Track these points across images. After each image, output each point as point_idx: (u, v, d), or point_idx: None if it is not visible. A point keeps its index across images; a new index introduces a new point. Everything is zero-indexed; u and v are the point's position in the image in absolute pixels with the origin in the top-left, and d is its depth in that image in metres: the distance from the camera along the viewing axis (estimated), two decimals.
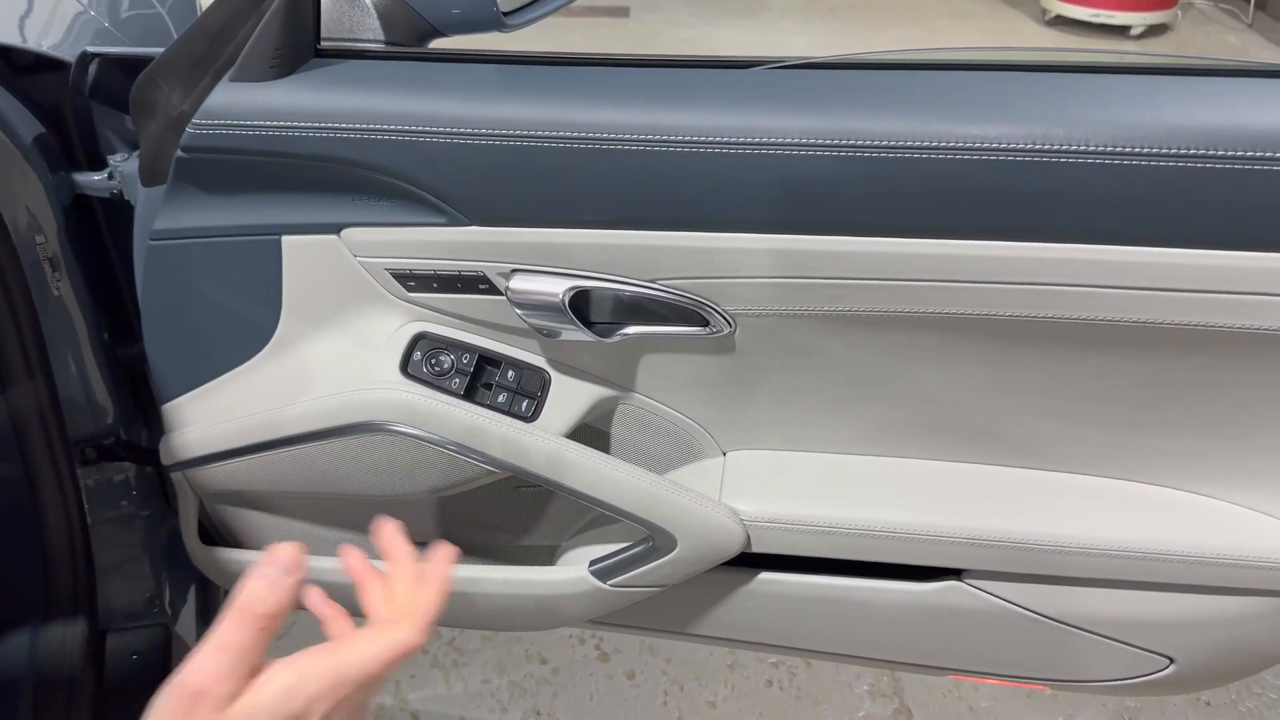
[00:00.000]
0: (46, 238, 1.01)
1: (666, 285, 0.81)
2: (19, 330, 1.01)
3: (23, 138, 0.97)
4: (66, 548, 1.12)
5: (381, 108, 0.78)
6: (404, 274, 0.86)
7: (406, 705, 1.59)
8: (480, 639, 1.70)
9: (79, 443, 1.12)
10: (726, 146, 0.73)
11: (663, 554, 0.90)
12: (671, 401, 0.93)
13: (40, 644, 1.10)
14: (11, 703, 1.04)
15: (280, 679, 0.56)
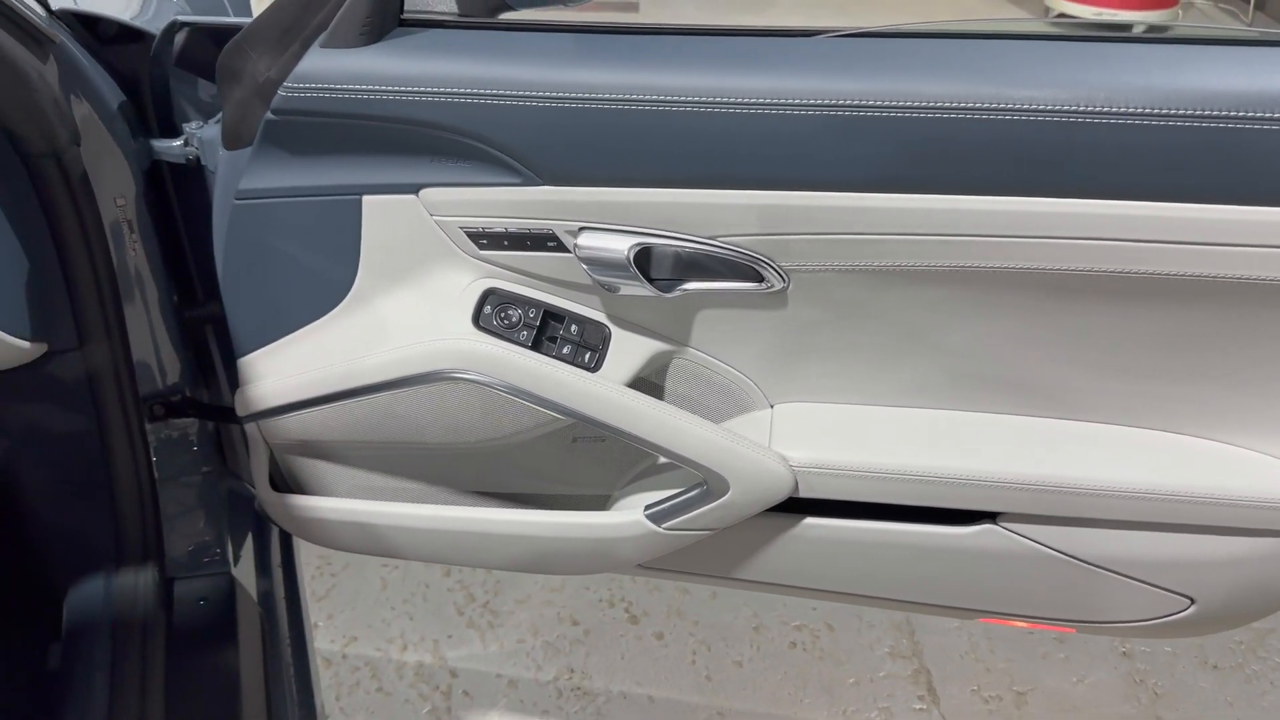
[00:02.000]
0: (126, 201, 1.07)
1: (725, 242, 0.87)
2: (99, 290, 1.06)
3: (109, 105, 1.02)
4: (135, 499, 1.18)
5: (465, 73, 0.83)
6: (476, 232, 0.92)
7: (445, 663, 1.65)
8: (514, 602, 1.76)
9: (148, 399, 1.18)
10: (789, 108, 0.79)
11: (716, 497, 0.96)
12: (724, 355, 0.99)
13: (114, 590, 1.16)
14: (91, 644, 1.10)
15: None
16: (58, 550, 1.22)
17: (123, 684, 1.04)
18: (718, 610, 1.75)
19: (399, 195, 0.91)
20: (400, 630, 1.71)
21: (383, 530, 1.09)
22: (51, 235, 1.00)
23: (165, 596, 1.17)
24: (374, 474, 1.10)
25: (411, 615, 1.74)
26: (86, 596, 1.16)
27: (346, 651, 1.66)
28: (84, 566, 1.18)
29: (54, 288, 1.03)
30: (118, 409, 1.14)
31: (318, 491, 1.11)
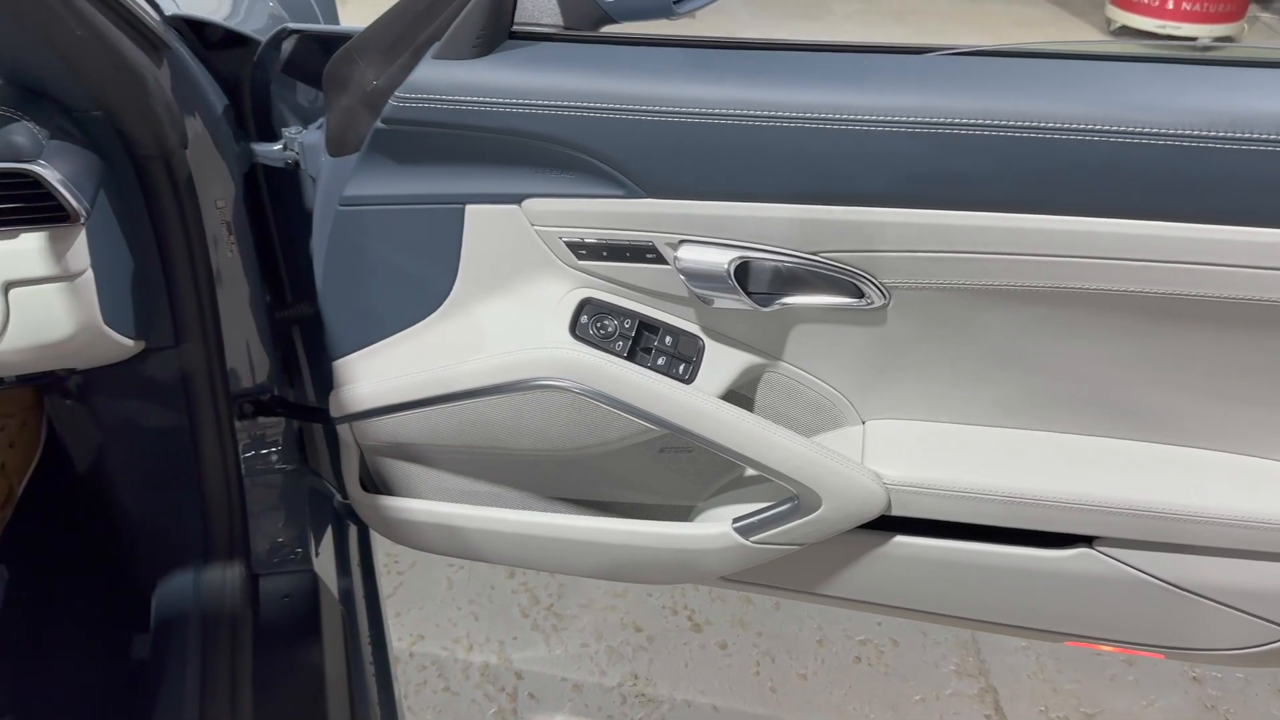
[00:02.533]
0: (226, 203, 1.09)
1: (827, 257, 0.87)
2: (197, 290, 1.08)
3: (215, 109, 1.05)
4: (224, 495, 1.20)
5: (575, 87, 0.84)
6: (576, 242, 0.92)
7: (511, 665, 1.66)
8: (577, 606, 1.77)
9: (238, 397, 1.20)
10: (900, 126, 0.79)
11: (807, 513, 0.96)
12: (817, 370, 0.99)
13: (202, 584, 1.18)
14: (181, 637, 1.12)
15: None
16: (146, 543, 1.25)
17: (214, 676, 1.06)
18: (781, 621, 1.75)
19: (502, 205, 0.92)
20: (466, 630, 1.72)
21: (470, 533, 1.10)
22: (155, 236, 1.03)
23: (251, 592, 1.19)
24: (460, 477, 1.11)
25: (477, 616, 1.75)
26: (175, 590, 1.19)
27: (414, 650, 1.68)
28: (172, 560, 1.21)
29: (154, 287, 1.05)
30: (209, 406, 1.16)
31: (404, 492, 1.13)
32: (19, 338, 0.86)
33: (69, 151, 0.84)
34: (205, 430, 1.17)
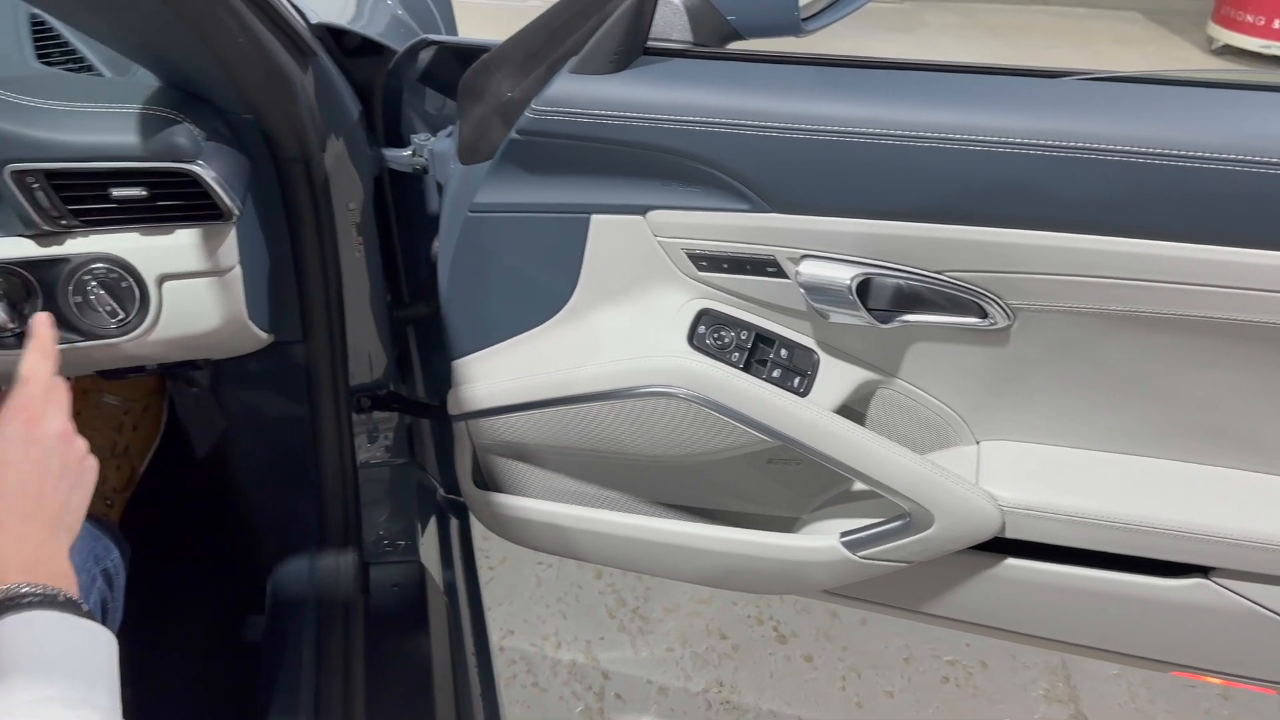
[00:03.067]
0: (356, 206, 1.13)
1: (953, 277, 0.87)
2: (326, 288, 1.13)
3: (351, 115, 1.09)
4: (339, 485, 1.25)
5: (708, 102, 0.86)
6: (697, 254, 0.94)
7: (598, 664, 1.69)
8: (663, 610, 1.79)
9: (356, 392, 1.25)
10: (1037, 149, 0.79)
11: (919, 530, 0.96)
12: (932, 388, 0.99)
13: (317, 570, 1.23)
14: (298, 620, 1.17)
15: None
16: (264, 528, 1.30)
17: (329, 659, 1.11)
18: (868, 637, 1.75)
19: (627, 216, 0.95)
20: (555, 628, 1.75)
21: (577, 534, 1.12)
22: (290, 235, 1.07)
23: (363, 580, 1.24)
24: (569, 478, 1.14)
25: (565, 614, 1.78)
26: (291, 575, 1.24)
27: (504, 644, 1.72)
28: (289, 546, 1.26)
29: (286, 283, 1.10)
30: (330, 399, 1.21)
31: (514, 490, 1.16)
32: (168, 328, 0.91)
33: (223, 153, 0.88)
34: (325, 422, 1.22)
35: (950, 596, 1.04)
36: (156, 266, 0.88)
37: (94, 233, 0.87)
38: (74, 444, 0.77)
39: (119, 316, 0.88)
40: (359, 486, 1.27)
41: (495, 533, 1.19)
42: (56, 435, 0.76)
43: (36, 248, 0.86)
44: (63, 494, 0.74)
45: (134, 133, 0.82)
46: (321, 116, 1.03)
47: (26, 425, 0.75)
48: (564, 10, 0.92)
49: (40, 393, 0.76)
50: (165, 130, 0.83)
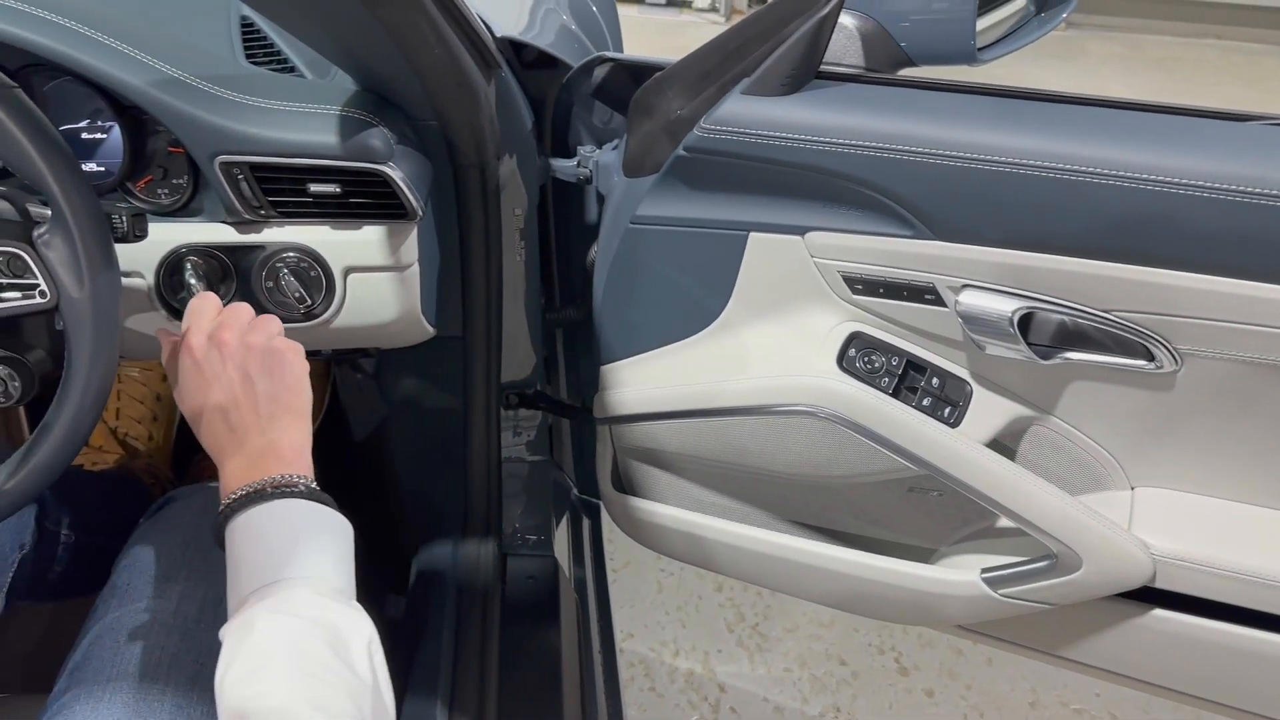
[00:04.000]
0: (522, 212, 1.18)
1: (1121, 317, 0.86)
2: (488, 288, 1.17)
3: (525, 126, 1.13)
4: (484, 476, 1.30)
5: (879, 128, 0.87)
6: (854, 277, 0.95)
7: (715, 676, 1.70)
8: (782, 630, 1.79)
9: (506, 389, 1.29)
10: (1218, 193, 0.77)
11: (1064, 573, 0.94)
12: (1088, 428, 0.97)
13: (459, 556, 1.28)
14: (439, 602, 1.22)
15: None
16: (412, 511, 1.36)
17: (466, 643, 1.15)
18: (993, 677, 1.70)
19: (785, 235, 0.96)
20: (673, 635, 1.77)
21: (710, 544, 1.14)
22: (459, 236, 1.12)
23: (501, 569, 1.28)
24: (705, 489, 1.15)
25: (684, 623, 1.80)
26: (434, 559, 1.29)
27: (623, 646, 1.74)
28: (434, 531, 1.31)
29: (453, 282, 1.15)
30: (482, 394, 1.25)
31: (650, 496, 1.18)
32: (349, 317, 0.97)
33: (410, 156, 0.94)
34: (475, 414, 1.27)
35: (1090, 642, 1.01)
36: (343, 259, 0.94)
37: (289, 224, 0.93)
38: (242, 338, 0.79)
39: (306, 303, 0.94)
40: (501, 479, 1.31)
41: (628, 535, 1.22)
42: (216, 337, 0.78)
43: (236, 234, 0.93)
44: (255, 389, 0.77)
45: (334, 133, 0.88)
46: (499, 126, 1.08)
47: (187, 348, 0.78)
48: (741, 33, 0.94)
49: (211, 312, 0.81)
50: (362, 132, 0.89)
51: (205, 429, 0.77)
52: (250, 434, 0.75)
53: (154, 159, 0.93)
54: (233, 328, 0.79)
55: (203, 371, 0.77)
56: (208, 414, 0.77)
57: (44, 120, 0.73)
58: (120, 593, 0.86)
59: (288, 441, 0.75)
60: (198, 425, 0.78)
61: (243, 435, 0.75)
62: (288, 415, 0.77)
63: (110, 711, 0.76)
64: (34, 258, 0.74)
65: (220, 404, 0.76)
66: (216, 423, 0.76)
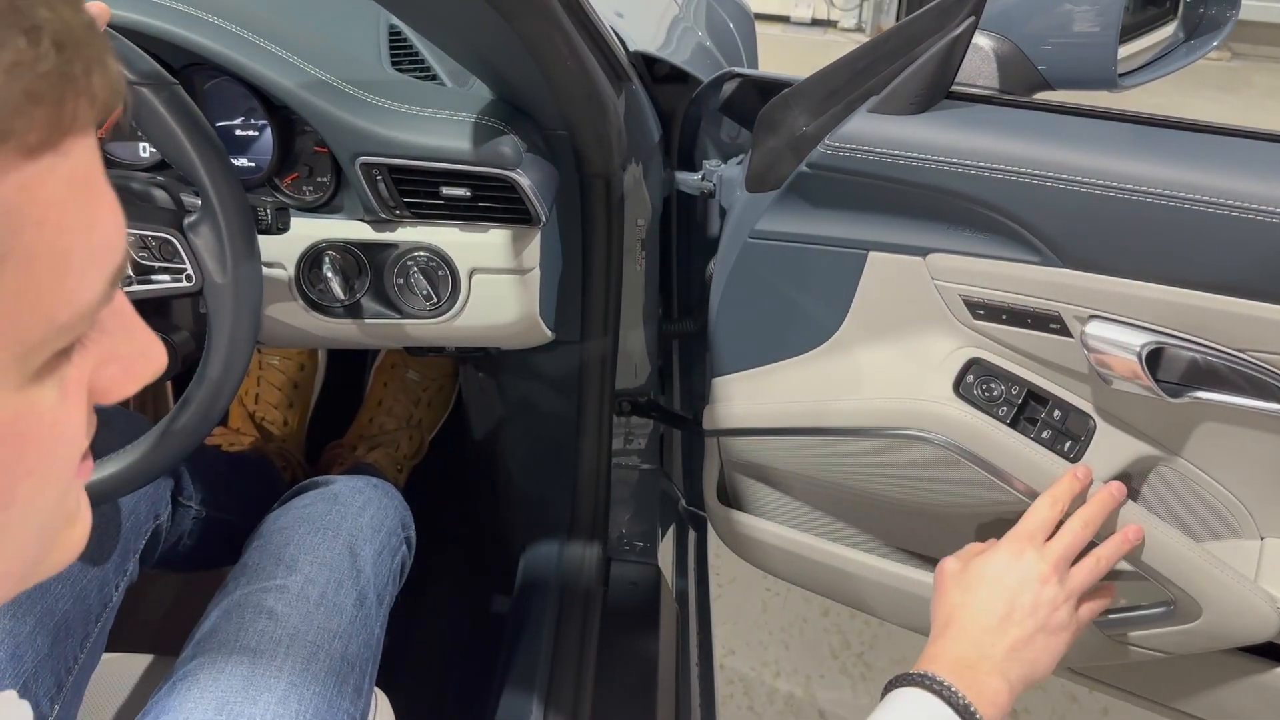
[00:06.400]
0: (644, 223, 1.20)
1: (1257, 358, 0.81)
2: (607, 296, 1.20)
3: (652, 139, 1.16)
4: (593, 480, 1.32)
5: (1009, 151, 0.85)
6: (975, 301, 0.93)
7: (815, 701, 1.68)
8: (889, 661, 1.75)
9: (620, 396, 1.32)
10: None
11: (1182, 621, 0.90)
12: (1217, 473, 0.92)
13: (565, 557, 1.30)
14: (543, 599, 1.25)
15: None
16: (522, 512, 1.40)
17: (566, 642, 1.17)
18: None
19: (906, 256, 0.95)
20: (775, 656, 1.76)
21: (812, 564, 1.13)
22: (584, 244, 1.15)
23: (604, 573, 1.30)
24: (811, 509, 1.15)
25: (787, 645, 1.78)
26: (540, 558, 1.32)
27: (724, 662, 1.74)
28: (541, 530, 1.35)
29: (574, 288, 1.18)
30: (596, 400, 1.28)
31: (754, 511, 1.18)
32: (472, 316, 1.01)
33: (539, 164, 0.97)
34: (589, 420, 1.29)
35: (1206, 697, 0.96)
36: (470, 260, 0.98)
37: (421, 224, 0.98)
38: (1054, 596, 0.82)
39: (433, 300, 0.99)
40: (610, 484, 1.33)
41: (731, 549, 1.22)
42: (1041, 572, 0.82)
43: (372, 232, 0.97)
44: (1024, 634, 0.80)
45: (468, 139, 0.92)
46: (627, 138, 1.10)
47: (1012, 551, 0.84)
48: (871, 51, 0.94)
49: (1040, 526, 0.85)
50: (494, 140, 0.92)
51: (971, 600, 0.82)
52: (993, 657, 0.78)
53: (301, 157, 0.99)
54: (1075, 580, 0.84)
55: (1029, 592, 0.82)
56: (985, 605, 0.81)
57: (199, 116, 0.79)
58: (249, 571, 0.91)
59: (1006, 695, 0.77)
60: (970, 589, 0.83)
61: (988, 649, 0.79)
62: (1020, 681, 0.79)
63: (230, 683, 0.81)
64: (183, 244, 0.80)
65: (1005, 615, 0.80)
66: (984, 616, 0.80)
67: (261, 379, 1.50)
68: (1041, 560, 0.83)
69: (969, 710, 0.72)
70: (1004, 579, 0.82)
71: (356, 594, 0.90)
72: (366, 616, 0.90)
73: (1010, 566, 0.83)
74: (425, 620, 1.37)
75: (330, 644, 0.85)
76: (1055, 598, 0.82)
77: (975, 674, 0.76)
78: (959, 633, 0.80)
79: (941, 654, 0.78)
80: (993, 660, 0.77)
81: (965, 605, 0.82)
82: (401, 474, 1.43)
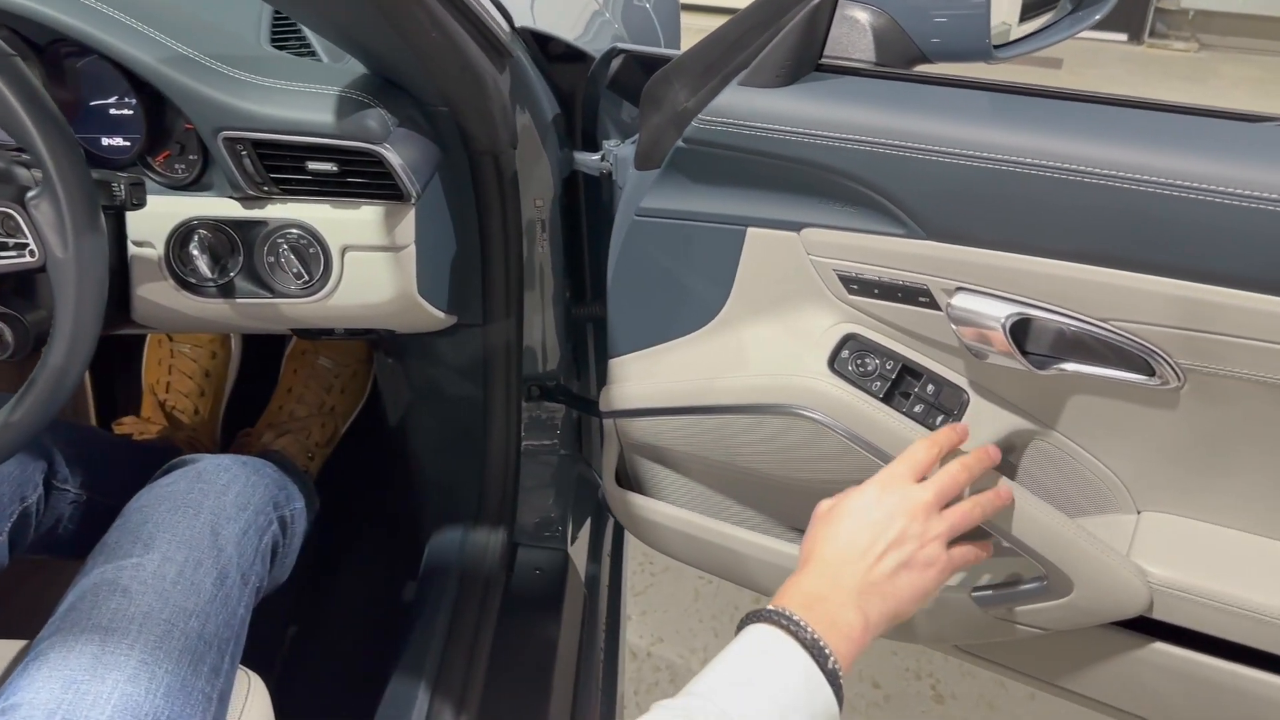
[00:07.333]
0: (544, 203, 1.19)
1: (1119, 327, 0.81)
2: (508, 277, 1.19)
3: (545, 116, 1.14)
4: (501, 466, 1.31)
5: (872, 122, 0.84)
6: (849, 276, 0.92)
7: None
8: None
9: (527, 380, 1.30)
10: (1222, 197, 0.72)
11: (1054, 596, 0.89)
12: (1091, 446, 0.92)
13: (468, 543, 1.29)
14: (441, 586, 1.24)
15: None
16: (429, 498, 1.38)
17: (461, 625, 1.16)
18: (1034, 712, 1.63)
19: (782, 231, 0.94)
20: (705, 643, 1.75)
21: (703, 544, 1.12)
22: (479, 224, 1.14)
23: (509, 559, 1.29)
24: (704, 489, 1.14)
25: (717, 632, 1.77)
26: (445, 544, 1.31)
27: (652, 650, 1.73)
28: (448, 518, 1.33)
29: (471, 270, 1.16)
30: (502, 384, 1.27)
31: (652, 493, 1.17)
32: (346, 295, 0.99)
33: (412, 139, 0.95)
34: (496, 405, 1.28)
35: (1087, 673, 0.96)
36: (341, 237, 0.97)
37: (291, 201, 0.96)
38: (922, 530, 0.78)
39: (303, 279, 0.97)
40: (520, 470, 1.32)
41: (630, 532, 1.21)
42: (909, 508, 0.78)
43: (241, 209, 0.96)
44: (886, 568, 0.76)
45: (330, 112, 0.90)
46: (514, 115, 1.09)
47: (883, 485, 0.80)
48: (741, 23, 0.93)
49: (914, 465, 0.81)
50: (358, 113, 0.91)
51: (833, 533, 0.78)
52: (849, 588, 0.75)
53: (173, 135, 0.97)
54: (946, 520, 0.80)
55: (896, 525, 0.78)
56: (847, 538, 0.77)
57: (38, 88, 0.77)
58: (108, 551, 0.89)
59: (860, 628, 0.73)
60: (834, 522, 0.79)
61: (845, 580, 0.75)
62: (881, 616, 0.76)
63: (79, 661, 0.80)
64: (25, 219, 0.78)
65: (866, 547, 0.77)
66: (844, 549, 0.77)
67: (173, 367, 1.48)
68: (911, 497, 0.79)
69: (817, 645, 0.69)
70: (870, 512, 0.79)
71: (217, 573, 0.89)
72: (227, 596, 0.89)
73: (878, 500, 0.79)
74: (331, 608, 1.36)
75: (186, 622, 0.84)
76: (924, 532, 0.78)
77: (827, 606, 0.73)
78: (817, 566, 0.76)
79: (795, 588, 0.75)
80: (848, 592, 0.74)
81: (827, 539, 0.78)
82: (313, 461, 1.41)
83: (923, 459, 0.83)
